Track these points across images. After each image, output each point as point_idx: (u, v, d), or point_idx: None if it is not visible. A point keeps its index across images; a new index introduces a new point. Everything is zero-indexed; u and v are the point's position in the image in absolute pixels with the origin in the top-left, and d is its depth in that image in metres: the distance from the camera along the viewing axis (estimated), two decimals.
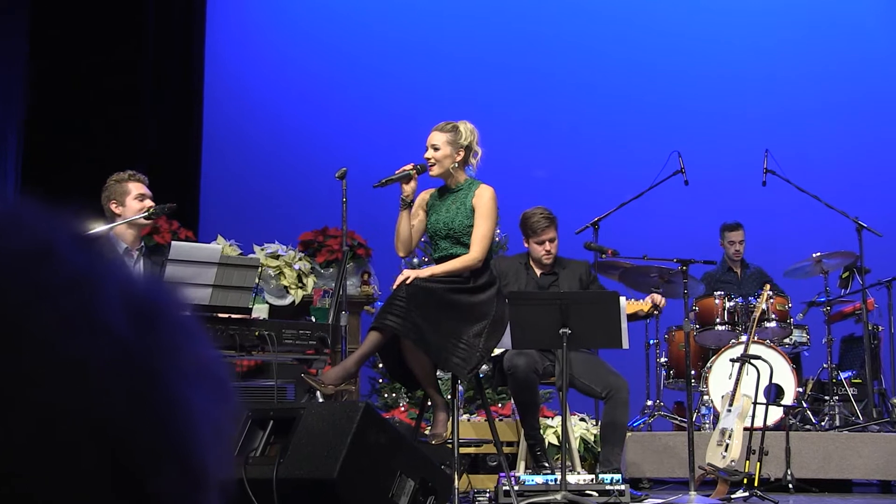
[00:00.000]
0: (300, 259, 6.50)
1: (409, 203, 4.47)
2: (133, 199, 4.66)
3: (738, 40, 9.17)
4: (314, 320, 5.15)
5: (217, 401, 0.50)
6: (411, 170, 4.45)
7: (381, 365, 6.55)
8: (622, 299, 4.67)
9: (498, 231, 6.47)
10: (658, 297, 5.42)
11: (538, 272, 5.38)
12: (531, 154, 9.02)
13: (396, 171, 4.45)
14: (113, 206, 4.65)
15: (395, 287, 4.32)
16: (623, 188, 6.68)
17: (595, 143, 9.03)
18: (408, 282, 4.28)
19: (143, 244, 4.77)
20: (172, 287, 0.49)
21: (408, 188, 4.44)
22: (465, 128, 4.53)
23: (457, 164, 4.52)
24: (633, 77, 9.15)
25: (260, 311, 5.12)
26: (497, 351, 4.96)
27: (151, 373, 0.46)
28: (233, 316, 4.39)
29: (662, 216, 8.44)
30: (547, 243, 5.27)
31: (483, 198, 4.49)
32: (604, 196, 7.44)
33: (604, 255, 5.62)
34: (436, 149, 4.49)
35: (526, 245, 5.42)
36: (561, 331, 4.48)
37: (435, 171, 4.49)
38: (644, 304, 5.45)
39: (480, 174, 4.60)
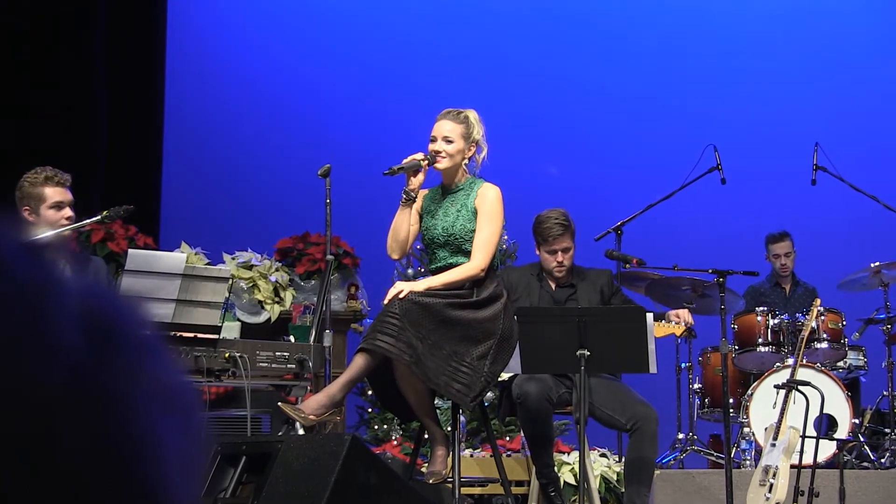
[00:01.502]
0: (277, 269, 6.50)
1: (412, 198, 4.48)
2: (48, 209, 4.47)
3: (782, 18, 9.19)
4: (293, 340, 5.15)
5: (184, 431, 0.50)
6: (422, 160, 4.44)
7: (370, 392, 6.54)
8: (649, 316, 4.67)
9: (505, 237, 6.49)
10: (684, 313, 5.35)
11: (553, 285, 5.38)
12: (543, 148, 9.04)
13: (404, 160, 4.44)
14: (25, 214, 4.46)
15: (386, 302, 4.33)
16: (650, 188, 6.69)
17: (617, 136, 9.05)
18: (401, 296, 4.28)
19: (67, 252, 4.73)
20: (133, 301, 0.49)
21: (415, 181, 4.45)
22: (475, 118, 4.55)
23: (466, 161, 4.54)
24: (661, 61, 9.17)
25: (230, 330, 5.12)
26: (504, 376, 4.96)
27: (110, 399, 0.46)
28: (199, 336, 4.40)
29: (696, 220, 8.46)
30: (560, 254, 5.26)
31: (487, 198, 4.49)
32: (628, 197, 7.45)
33: (628, 265, 5.62)
34: (448, 141, 4.49)
35: (537, 253, 5.42)
36: (578, 352, 4.48)
37: (443, 164, 4.48)
38: (677, 327, 5.46)
39: (483, 170, 4.61)
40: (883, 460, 6.06)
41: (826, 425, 5.79)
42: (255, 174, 8.89)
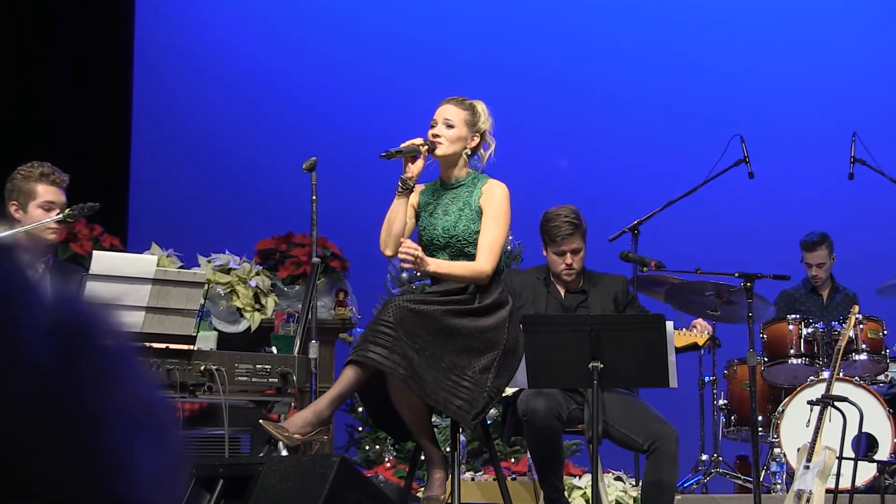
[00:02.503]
0: (257, 274, 6.51)
1: (410, 187, 4.48)
2: (37, 207, 4.61)
3: None
4: (275, 352, 5.16)
5: (160, 449, 0.51)
6: (421, 145, 4.45)
7: (361, 409, 6.56)
8: (669, 324, 4.68)
9: (510, 238, 6.50)
10: (703, 323, 5.31)
11: (562, 290, 5.39)
12: (551, 138, 9.05)
13: (402, 144, 4.45)
14: (13, 209, 4.61)
15: (402, 250, 4.29)
16: (670, 182, 6.71)
17: (634, 125, 9.06)
18: (418, 253, 4.26)
19: (49, 256, 4.77)
20: (106, 311, 0.49)
21: (413, 168, 4.45)
22: (483, 109, 4.57)
23: (469, 152, 4.55)
24: (682, 43, 9.18)
25: (206, 341, 5.13)
26: (509, 390, 4.97)
27: (82, 415, 0.47)
28: (171, 347, 4.41)
29: (721, 218, 8.47)
30: (569, 255, 5.26)
31: (494, 197, 4.50)
32: (645, 193, 7.46)
33: (645, 269, 5.64)
34: (450, 125, 4.51)
35: (544, 253, 5.43)
36: (591, 365, 4.49)
37: (442, 150, 4.50)
38: (699, 336, 5.47)
39: (489, 164, 4.62)
40: None
41: (865, 445, 5.80)
42: (233, 169, 8.91)
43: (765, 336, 6.39)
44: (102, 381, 0.50)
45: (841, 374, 5.83)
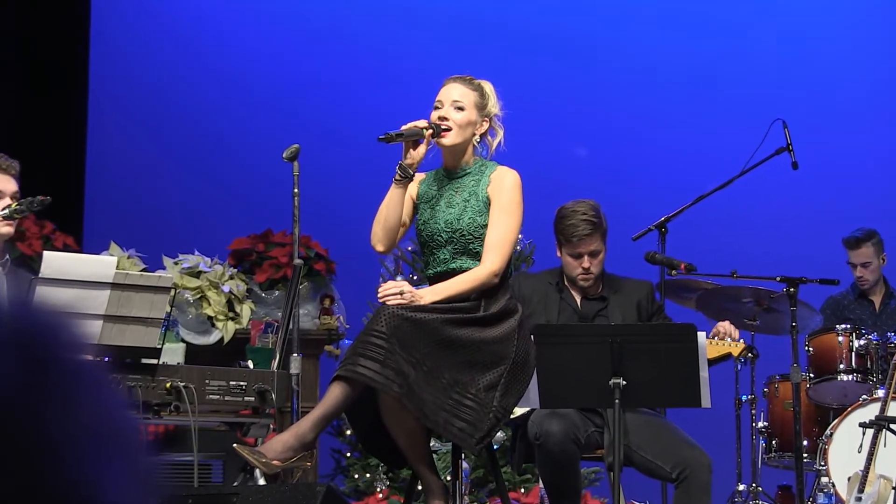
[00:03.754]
0: (231, 277, 6.51)
1: (410, 175, 4.48)
2: None
3: None
4: (252, 366, 5.17)
5: (128, 473, 0.52)
6: (425, 128, 4.45)
7: (349, 432, 6.56)
8: (701, 336, 4.69)
9: (520, 236, 6.50)
10: (726, 326, 5.28)
11: (578, 297, 5.39)
12: (567, 123, 9.05)
13: (404, 126, 4.45)
14: None
15: (381, 295, 4.34)
16: (702, 174, 6.72)
17: (661, 108, 9.06)
18: (403, 296, 4.30)
19: (7, 257, 4.79)
20: (68, 321, 0.50)
21: (415, 154, 4.45)
22: (492, 90, 4.58)
23: (478, 139, 4.56)
24: (715, 13, 9.18)
25: (173, 354, 5.14)
26: (518, 411, 4.98)
27: (45, 436, 0.47)
28: (133, 361, 4.42)
29: (760, 214, 8.48)
30: (586, 258, 5.26)
31: (504, 185, 4.51)
32: (674, 185, 7.46)
33: (674, 272, 5.64)
34: (459, 108, 4.52)
35: (558, 254, 5.43)
36: (612, 381, 4.49)
37: (449, 138, 4.50)
38: (734, 346, 5.48)
39: (496, 151, 4.63)
40: None
41: None
42: (203, 158, 8.91)
43: (810, 349, 6.39)
44: (67, 401, 0.51)
45: None
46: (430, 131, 4.45)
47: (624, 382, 4.48)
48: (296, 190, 4.83)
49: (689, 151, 8.69)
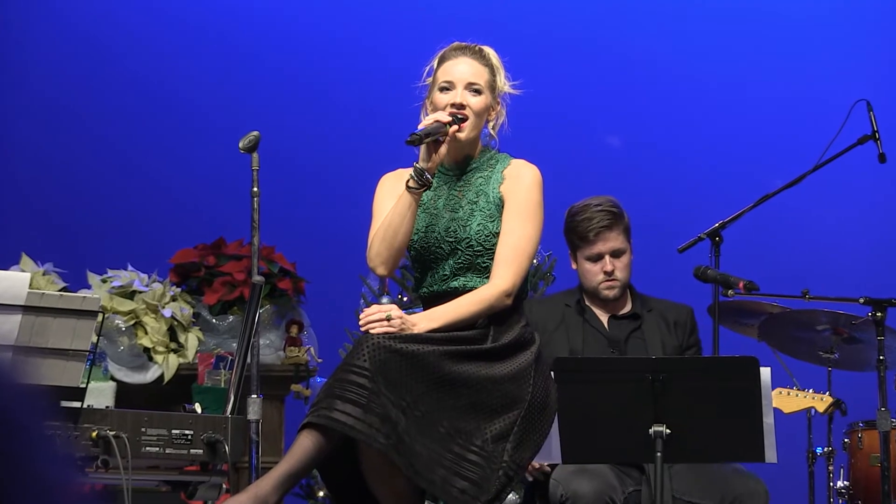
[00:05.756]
0: (174, 299, 6.50)
1: (429, 183, 4.47)
2: None
3: None
4: (199, 411, 5.15)
5: None
6: (449, 124, 4.44)
7: (322, 494, 6.54)
8: (765, 372, 4.68)
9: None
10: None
11: (604, 317, 5.40)
12: (597, 107, 9.06)
13: (424, 122, 4.46)
14: None
15: (363, 321, 4.33)
16: (764, 169, 6.70)
17: (711, 89, 9.08)
18: (391, 323, 4.29)
19: None
20: (24, 377, 0.49)
21: (436, 156, 4.46)
22: (498, 60, 4.61)
23: (494, 127, 4.61)
24: None
25: (101, 395, 5.13)
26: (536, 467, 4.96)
27: None
28: (51, 403, 4.39)
29: (838, 221, 8.47)
30: (608, 260, 5.29)
31: (520, 183, 4.53)
32: (730, 183, 7.45)
33: (730, 292, 5.63)
34: (476, 90, 4.55)
35: (574, 266, 5.43)
36: (653, 430, 4.48)
37: (467, 132, 4.52)
38: (818, 399, 5.47)
39: (507, 141, 4.63)
40: None
41: None
42: (137, 150, 8.90)
43: None
44: (15, 462, 0.50)
45: None
46: (455, 127, 4.46)
47: (668, 431, 4.48)
48: (255, 188, 4.82)
49: (748, 141, 8.68)
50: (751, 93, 9.03)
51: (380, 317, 4.33)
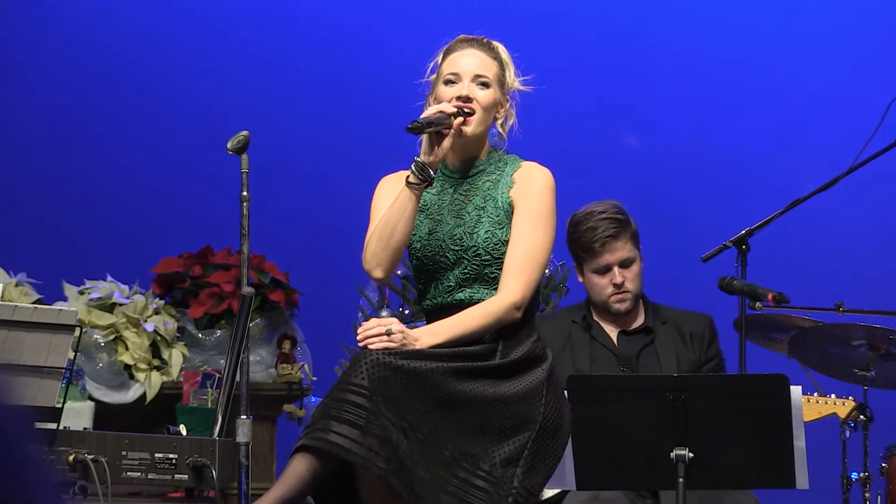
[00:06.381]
0: (157, 312, 6.50)
1: (431, 178, 4.47)
2: None
3: None
4: (184, 433, 5.14)
5: None
6: (454, 115, 4.45)
7: None
8: (795, 391, 4.68)
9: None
10: None
11: (613, 333, 5.41)
12: (614, 106, 9.05)
13: (427, 111, 4.47)
14: None
15: (361, 336, 4.33)
16: (795, 171, 6.69)
17: (736, 84, 9.07)
18: (391, 338, 4.28)
19: None
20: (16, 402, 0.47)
21: (439, 149, 4.46)
22: (508, 55, 4.63)
23: (503, 125, 4.62)
24: None
25: (78, 416, 5.12)
26: (548, 493, 4.95)
27: None
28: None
29: (875, 228, 8.46)
30: (616, 271, 5.33)
31: (531, 186, 4.54)
32: (757, 186, 7.44)
33: (759, 304, 5.64)
34: (484, 84, 4.56)
35: (581, 280, 5.45)
36: (675, 454, 4.47)
37: (473, 127, 4.53)
38: (840, 404, 5.47)
39: (517, 142, 4.63)
40: None
41: None
42: (117, 152, 8.90)
43: None
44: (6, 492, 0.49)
45: None
46: (460, 119, 4.46)
47: (691, 455, 4.47)
48: (245, 193, 4.82)
49: (777, 142, 8.68)
50: (779, 90, 9.04)
51: (379, 331, 4.33)
